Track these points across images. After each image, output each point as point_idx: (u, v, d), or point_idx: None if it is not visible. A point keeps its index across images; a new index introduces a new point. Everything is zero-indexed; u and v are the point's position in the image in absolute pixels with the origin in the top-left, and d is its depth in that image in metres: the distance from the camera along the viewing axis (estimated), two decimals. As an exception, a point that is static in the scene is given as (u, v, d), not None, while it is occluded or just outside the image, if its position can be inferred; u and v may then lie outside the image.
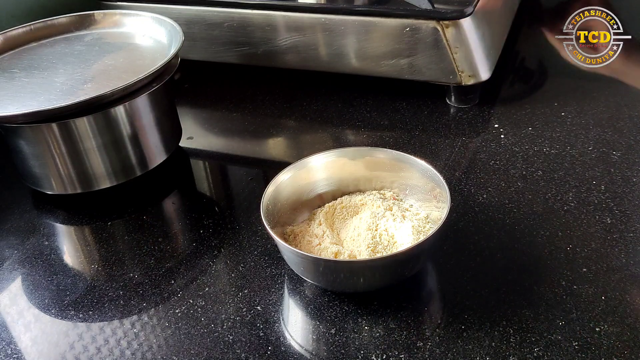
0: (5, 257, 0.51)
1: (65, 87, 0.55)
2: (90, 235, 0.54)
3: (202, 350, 0.41)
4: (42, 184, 0.56)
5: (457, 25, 0.61)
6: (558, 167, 0.55)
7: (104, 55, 0.61)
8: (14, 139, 0.54)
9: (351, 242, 0.45)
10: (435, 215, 0.46)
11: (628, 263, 0.44)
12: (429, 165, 0.46)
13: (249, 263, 0.48)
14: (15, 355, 0.42)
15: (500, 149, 0.58)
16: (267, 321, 0.42)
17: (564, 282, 0.43)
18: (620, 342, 0.38)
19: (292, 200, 0.48)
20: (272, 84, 0.75)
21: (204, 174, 0.64)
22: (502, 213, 0.50)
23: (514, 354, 0.38)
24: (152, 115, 0.57)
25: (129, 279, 0.47)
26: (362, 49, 0.66)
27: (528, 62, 0.78)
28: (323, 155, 0.49)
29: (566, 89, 0.68)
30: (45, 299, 0.46)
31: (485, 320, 0.40)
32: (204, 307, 0.44)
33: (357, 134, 0.64)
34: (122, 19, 0.66)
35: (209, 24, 0.71)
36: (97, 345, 0.42)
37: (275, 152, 0.65)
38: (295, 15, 0.67)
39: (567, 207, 0.50)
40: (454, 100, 0.67)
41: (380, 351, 0.39)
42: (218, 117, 0.70)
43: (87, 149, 0.53)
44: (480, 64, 0.63)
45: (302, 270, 0.43)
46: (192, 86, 0.77)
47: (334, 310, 0.43)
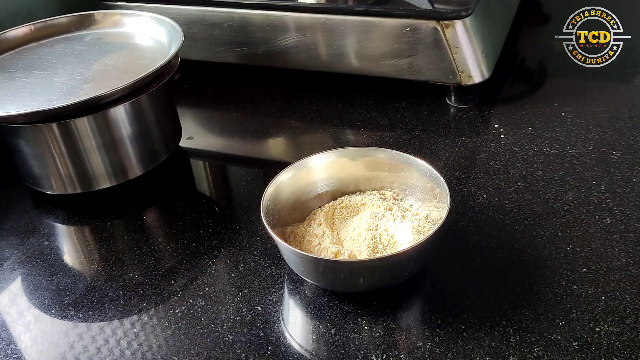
0: (5, 257, 0.51)
1: (65, 87, 0.55)
2: (90, 235, 0.54)
3: (202, 350, 0.41)
4: (42, 184, 0.56)
5: (457, 25, 0.61)
6: (558, 167, 0.55)
7: (104, 55, 0.61)
8: (14, 139, 0.54)
9: (351, 242, 0.45)
10: (435, 215, 0.46)
11: (628, 263, 0.44)
12: (429, 165, 0.46)
13: (249, 263, 0.48)
14: (15, 355, 0.42)
15: (500, 149, 0.58)
16: (267, 321, 0.42)
17: (564, 282, 0.43)
18: (620, 342, 0.38)
19: (292, 200, 0.48)
20: (272, 84, 0.75)
21: (204, 174, 0.64)
22: (502, 213, 0.50)
23: (514, 354, 0.38)
24: (152, 115, 0.57)
25: (129, 279, 0.47)
26: (362, 49, 0.66)
27: (528, 62, 0.78)
28: (323, 155, 0.49)
29: (566, 89, 0.68)
30: (45, 299, 0.46)
31: (485, 320, 0.40)
32: (204, 307, 0.44)
33: (357, 134, 0.64)
34: (122, 19, 0.66)
35: (209, 24, 0.71)
36: (97, 345, 0.42)
37: (275, 152, 0.65)
38: (295, 15, 0.67)
39: (567, 207, 0.50)
40: (454, 100, 0.67)
41: (380, 351, 0.39)
42: (218, 117, 0.70)
43: (87, 149, 0.53)
44: (481, 64, 0.63)
45: (302, 270, 0.43)
46: (192, 86, 0.77)
47: (334, 310, 0.43)
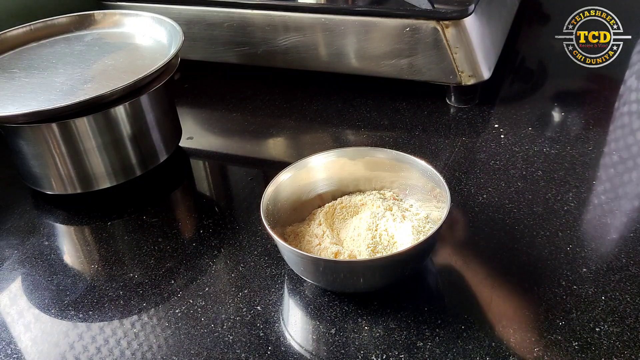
0: (5, 257, 0.51)
1: (65, 87, 0.55)
2: (90, 235, 0.54)
3: (202, 350, 0.41)
4: (42, 184, 0.56)
5: (457, 25, 0.61)
6: (558, 167, 0.55)
7: (104, 55, 0.61)
8: (14, 139, 0.54)
9: (351, 242, 0.45)
10: (435, 215, 0.46)
11: (628, 263, 0.44)
12: (429, 165, 0.46)
13: (249, 263, 0.48)
14: (15, 355, 0.42)
15: (500, 149, 0.58)
16: (267, 321, 0.42)
17: (564, 282, 0.43)
18: (620, 342, 0.38)
19: (292, 200, 0.48)
20: (272, 84, 0.75)
21: (204, 174, 0.64)
22: (502, 213, 0.50)
23: (514, 354, 0.38)
24: (152, 115, 0.57)
25: (129, 279, 0.47)
26: (362, 49, 0.66)
27: (528, 62, 0.78)
28: (323, 155, 0.49)
29: (566, 89, 0.68)
30: (45, 299, 0.46)
31: (485, 320, 0.40)
32: (204, 307, 0.44)
33: (357, 134, 0.64)
34: (122, 19, 0.66)
35: (209, 24, 0.71)
36: (97, 345, 0.42)
37: (275, 152, 0.65)
38: (295, 15, 0.67)
39: (567, 207, 0.50)
40: (454, 100, 0.67)
41: (380, 351, 0.39)
42: (218, 117, 0.70)
43: (87, 149, 0.53)
44: (480, 64, 0.63)
45: (302, 270, 0.43)
46: (192, 86, 0.77)
47: (334, 310, 0.43)
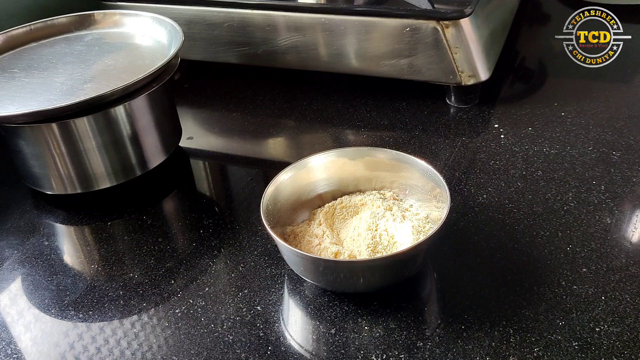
0: (5, 257, 0.51)
1: (65, 87, 0.55)
2: (90, 235, 0.54)
3: (202, 350, 0.41)
4: (42, 184, 0.56)
5: (457, 25, 0.61)
6: (558, 167, 0.55)
7: (104, 55, 0.61)
8: (14, 139, 0.54)
9: (351, 242, 0.45)
10: (435, 215, 0.46)
11: (628, 263, 0.44)
12: (429, 165, 0.46)
13: (249, 263, 0.48)
14: (15, 355, 0.42)
15: (500, 149, 0.58)
16: (267, 321, 0.42)
17: (564, 282, 0.43)
18: (620, 342, 0.38)
19: (292, 200, 0.48)
20: (272, 84, 0.75)
21: (204, 174, 0.63)
22: (502, 213, 0.50)
23: (514, 354, 0.38)
24: (152, 115, 0.57)
25: (129, 279, 0.47)
26: (362, 49, 0.66)
27: (528, 62, 0.78)
28: (323, 155, 0.49)
29: (566, 89, 0.68)
30: (45, 299, 0.46)
31: (485, 320, 0.40)
32: (204, 307, 0.44)
33: (357, 134, 0.64)
34: (122, 19, 0.66)
35: (209, 24, 0.71)
36: (97, 345, 0.42)
37: (275, 152, 0.65)
38: (295, 15, 0.67)
39: (567, 207, 0.50)
40: (454, 100, 0.67)
41: (380, 351, 0.39)
42: (218, 117, 0.70)
43: (87, 149, 0.53)
44: (480, 64, 0.63)
45: (302, 270, 0.43)
46: (192, 86, 0.77)
47: (334, 310, 0.43)
